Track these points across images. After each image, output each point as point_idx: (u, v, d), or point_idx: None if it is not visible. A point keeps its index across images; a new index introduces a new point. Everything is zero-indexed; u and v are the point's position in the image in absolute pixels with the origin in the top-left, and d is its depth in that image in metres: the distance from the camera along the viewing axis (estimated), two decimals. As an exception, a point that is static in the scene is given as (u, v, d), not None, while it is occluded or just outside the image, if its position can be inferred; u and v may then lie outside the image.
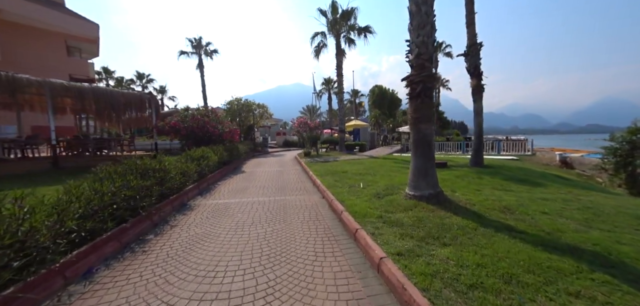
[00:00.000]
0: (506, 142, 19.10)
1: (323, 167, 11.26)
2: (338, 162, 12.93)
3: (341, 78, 18.47)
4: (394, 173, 8.73)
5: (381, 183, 7.19)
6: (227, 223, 4.68)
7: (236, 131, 13.80)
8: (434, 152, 4.99)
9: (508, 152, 18.04)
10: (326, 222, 4.68)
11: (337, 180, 7.86)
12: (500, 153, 17.68)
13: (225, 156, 10.55)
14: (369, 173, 9.02)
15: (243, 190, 7.57)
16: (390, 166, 10.69)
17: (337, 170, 9.96)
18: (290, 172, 10.79)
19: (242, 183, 8.62)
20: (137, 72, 33.45)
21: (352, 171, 9.54)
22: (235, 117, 22.44)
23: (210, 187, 7.91)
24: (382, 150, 19.84)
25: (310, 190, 7.41)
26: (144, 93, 11.62)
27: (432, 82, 4.68)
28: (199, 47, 26.77)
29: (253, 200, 6.35)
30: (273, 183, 8.52)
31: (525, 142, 19.40)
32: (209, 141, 12.10)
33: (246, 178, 9.45)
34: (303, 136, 17.17)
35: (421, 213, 4.34)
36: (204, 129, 11.69)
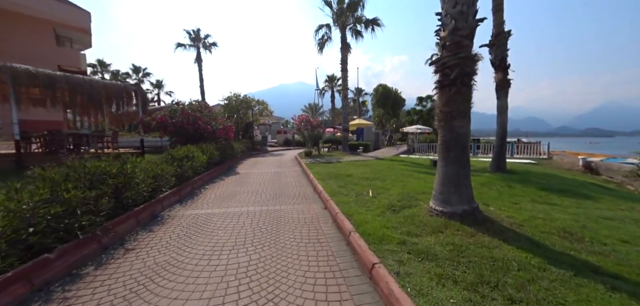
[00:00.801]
0: (519, 145, 17.95)
1: (325, 168, 10.18)
2: (341, 164, 11.84)
3: (346, 74, 17.35)
4: (407, 179, 7.63)
5: (394, 191, 6.10)
6: (201, 246, 3.60)
7: (231, 128, 12.73)
8: (469, 157, 3.89)
9: (521, 154, 16.88)
10: (330, 245, 3.60)
11: (342, 186, 6.78)
12: (513, 156, 16.53)
13: (216, 155, 9.49)
14: (377, 177, 7.94)
15: (232, 195, 6.50)
16: (400, 170, 9.59)
17: (340, 173, 8.88)
18: (289, 174, 9.72)
19: (233, 186, 7.55)
20: (133, 65, 32.24)
21: (358, 175, 8.46)
22: (233, 113, 21.37)
23: (195, 191, 6.83)
24: (388, 151, 18.74)
25: (310, 197, 6.33)
26: (129, 83, 10.57)
27: (472, 66, 3.59)
28: (197, 39, 25.65)
29: (241, 211, 5.28)
30: (268, 187, 7.45)
31: (539, 145, 18.25)
32: (201, 138, 11.04)
33: (239, 181, 8.38)
34: (304, 134, 16.08)
35: (457, 238, 3.25)
36: (195, 125, 10.63)
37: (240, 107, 21.96)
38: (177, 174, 6.09)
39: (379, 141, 23.80)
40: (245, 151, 16.07)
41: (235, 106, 21.65)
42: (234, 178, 8.89)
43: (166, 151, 8.71)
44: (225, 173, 10.00)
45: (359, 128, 25.23)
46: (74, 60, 20.12)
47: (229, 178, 8.87)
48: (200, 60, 26.00)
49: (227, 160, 11.27)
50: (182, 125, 10.28)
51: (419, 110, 49.93)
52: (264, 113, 24.43)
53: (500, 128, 8.39)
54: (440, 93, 3.85)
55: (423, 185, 6.57)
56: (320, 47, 18.40)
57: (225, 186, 7.65)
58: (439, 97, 3.93)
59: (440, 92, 3.87)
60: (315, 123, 15.87)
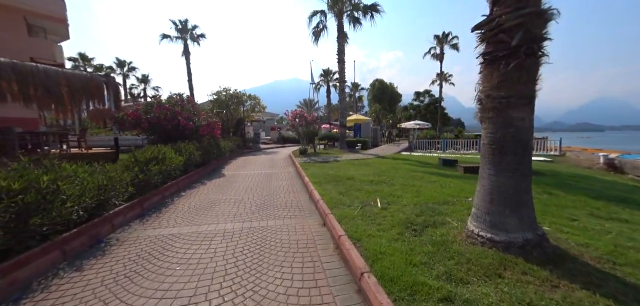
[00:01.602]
0: None
1: (322, 169, 9.03)
2: (340, 163, 10.70)
3: (343, 66, 16.14)
4: (418, 183, 6.51)
5: (407, 199, 4.98)
6: (142, 300, 2.43)
7: (217, 125, 11.48)
8: (531, 162, 2.74)
9: (539, 150, 15.91)
10: (334, 295, 2.45)
11: (343, 193, 5.64)
12: None
13: (197, 156, 8.26)
14: (384, 181, 6.81)
15: (210, 206, 5.31)
16: (407, 171, 8.47)
17: (340, 174, 7.74)
18: (281, 176, 8.54)
19: (213, 194, 6.35)
20: (118, 59, 30.33)
21: (360, 177, 7.32)
22: (222, 109, 20.05)
23: (166, 202, 5.62)
24: (389, 149, 17.65)
25: (305, 208, 5.18)
26: (98, 74, 9.24)
27: (543, 27, 2.44)
28: (184, 31, 24.08)
29: (217, 230, 4.11)
30: (255, 194, 6.27)
31: (546, 141, 17.32)
32: (182, 137, 9.78)
33: (222, 186, 7.18)
34: (298, 131, 14.87)
35: (531, 290, 2.12)
36: (175, 122, 9.36)
37: (230, 103, 20.64)
38: (139, 182, 4.86)
39: (377, 138, 22.70)
40: (235, 150, 14.83)
41: (225, 102, 20.33)
42: (217, 182, 7.68)
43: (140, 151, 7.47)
44: (208, 176, 8.78)
45: (356, 125, 24.12)
46: (48, 53, 18.49)
47: (212, 183, 7.66)
48: (188, 54, 24.46)
49: (212, 161, 10.04)
50: (159, 122, 9.01)
51: (417, 106, 49.00)
52: (256, 109, 23.11)
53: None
54: (489, 71, 2.70)
55: (441, 192, 5.46)
56: (316, 37, 17.11)
57: (206, 193, 6.45)
58: (484, 78, 2.79)
59: (488, 70, 2.72)
60: (311, 119, 14.68)
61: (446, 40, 36.51)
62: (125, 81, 30.02)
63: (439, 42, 36.56)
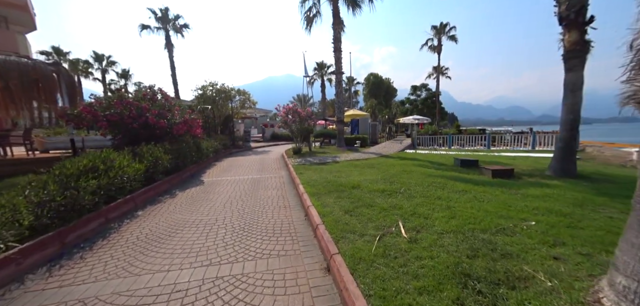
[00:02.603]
0: (540, 135, 15.73)
1: (319, 173, 7.60)
2: (340, 165, 9.27)
3: (339, 55, 14.63)
4: (441, 191, 5.15)
5: (441, 222, 3.61)
6: None
7: (196, 122, 9.90)
8: None
9: (544, 146, 14.76)
10: None
11: (349, 210, 4.25)
12: (534, 149, 14.42)
13: (165, 161, 6.71)
14: (398, 189, 5.43)
15: (169, 234, 3.85)
16: (421, 174, 7.10)
17: (341, 181, 6.32)
18: (270, 184, 7.08)
19: (180, 211, 4.87)
20: (95, 53, 27.70)
21: (367, 184, 5.92)
22: (207, 105, 18.39)
23: (108, 228, 4.12)
24: (391, 146, 16.27)
25: (299, 235, 3.76)
26: (43, 61, 7.58)
27: None
28: (165, 20, 22.05)
29: (165, 284, 2.67)
30: (235, 211, 4.81)
31: (555, 135, 16.18)
32: (153, 137, 8.22)
33: (195, 199, 5.70)
34: (291, 128, 13.37)
35: None
36: (142, 119, 7.77)
37: (217, 98, 18.97)
38: (57, 207, 3.34)
39: (376, 134, 21.33)
40: (220, 150, 13.27)
41: (210, 97, 18.65)
42: (191, 193, 6.17)
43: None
44: (182, 184, 7.26)
45: (353, 120, 22.72)
46: (10, 44, 16.52)
47: (185, 194, 6.16)
48: (170, 46, 22.51)
49: (189, 165, 8.50)
50: (121, 120, 7.42)
51: (413, 100, 47.87)
52: (246, 105, 21.47)
53: (569, 114, 5.93)
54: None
55: (482, 210, 4.10)
56: (308, 23, 15.51)
57: (170, 210, 4.96)
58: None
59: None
60: (305, 115, 13.18)
61: (444, 30, 35.28)
62: (104, 76, 27.80)
63: (436, 33, 35.31)
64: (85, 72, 27.20)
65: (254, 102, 22.15)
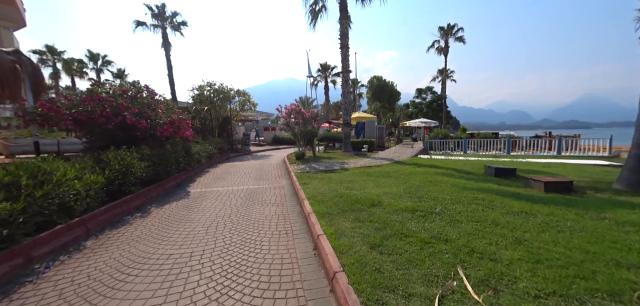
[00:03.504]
0: (567, 140, 14.29)
1: (327, 183, 6.36)
2: (350, 172, 8.03)
3: (346, 52, 13.42)
4: (492, 212, 3.90)
5: (525, 273, 2.37)
6: None
7: (185, 123, 8.69)
8: None
9: (571, 151, 13.43)
10: None
11: (377, 244, 3.04)
12: (561, 154, 13.10)
13: (139, 170, 5.48)
14: (431, 208, 4.19)
15: (114, 285, 2.61)
16: (452, 186, 5.85)
17: (356, 194, 5.09)
18: (269, 197, 5.84)
19: (144, 241, 3.65)
20: (89, 52, 26.59)
21: (389, 199, 4.69)
22: (204, 106, 17.24)
23: (16, 279, 2.89)
24: (401, 150, 14.96)
25: (306, 286, 2.53)
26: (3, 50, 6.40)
27: None
28: (161, 17, 20.94)
29: None
30: (218, 241, 3.59)
31: (577, 140, 14.79)
32: (133, 139, 7.03)
33: (171, 221, 4.47)
34: (294, 131, 12.16)
35: None
36: (118, 119, 6.58)
37: (215, 99, 17.81)
38: None
39: (383, 137, 20.06)
40: (215, 154, 12.06)
41: (208, 97, 17.50)
42: (169, 211, 4.95)
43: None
44: (163, 197, 6.04)
45: (359, 123, 21.46)
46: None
47: (160, 212, 4.93)
48: (167, 44, 21.40)
49: (174, 173, 7.28)
50: (91, 118, 6.22)
51: (418, 103, 46.57)
52: (246, 107, 20.29)
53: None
54: None
55: (577, 247, 2.84)
56: (313, 18, 14.35)
57: (133, 238, 3.73)
58: None
59: None
60: (309, 116, 11.96)
61: (451, 32, 34.12)
62: (99, 76, 26.72)
63: (443, 34, 34.15)
64: (79, 72, 26.20)
65: (255, 104, 20.97)
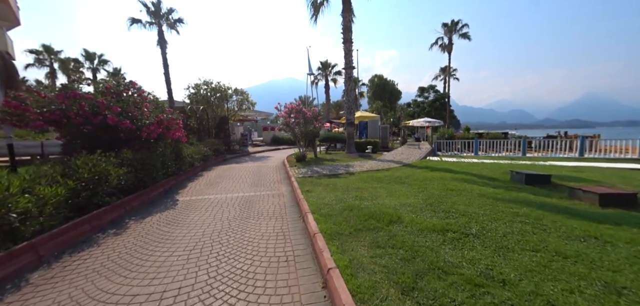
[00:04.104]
0: (591, 140, 13.45)
1: (333, 191, 5.60)
2: (356, 177, 7.26)
3: (350, 47, 12.65)
4: (547, 236, 3.16)
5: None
6: None
7: (175, 123, 7.92)
8: None
9: (595, 153, 12.61)
10: None
11: (408, 287, 2.28)
12: (584, 156, 12.30)
13: (115, 177, 4.70)
14: (463, 226, 3.44)
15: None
16: (479, 196, 5.08)
17: (368, 206, 4.32)
18: (267, 208, 5.07)
19: (107, 274, 2.90)
20: (85, 51, 25.85)
21: (409, 213, 3.93)
22: (200, 105, 16.49)
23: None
24: (408, 152, 14.14)
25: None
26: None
27: None
28: (157, 14, 20.17)
29: None
30: (201, 272, 2.84)
31: (597, 140, 14.00)
32: (116, 141, 6.27)
33: (149, 240, 3.71)
34: (294, 131, 11.39)
35: None
36: (98, 119, 5.82)
37: (211, 98, 17.07)
38: None
39: (387, 138, 19.29)
40: (210, 156, 11.29)
41: (204, 97, 16.75)
42: (148, 227, 4.18)
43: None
44: (145, 208, 5.28)
45: (361, 122, 20.68)
46: (-20, 37, 14.71)
47: (139, 227, 4.17)
48: (163, 42, 20.64)
49: (160, 179, 6.50)
50: (65, 117, 5.46)
51: (421, 102, 45.72)
52: (244, 106, 19.53)
53: None
54: None
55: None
56: (315, 12, 13.58)
57: (93, 269, 2.98)
58: None
59: None
60: (311, 115, 11.18)
61: (455, 28, 33.33)
62: (95, 76, 25.98)
63: (447, 31, 33.35)
64: (76, 72, 25.44)
65: (253, 103, 20.21)
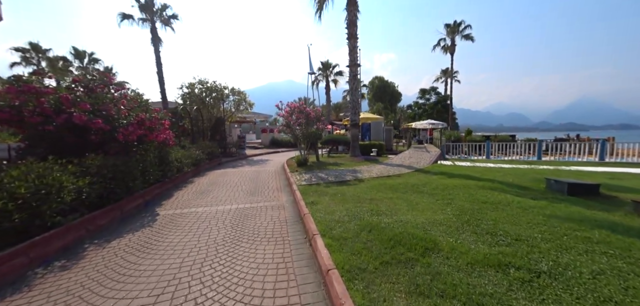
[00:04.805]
0: (611, 142, 12.63)
1: (343, 203, 4.68)
2: (367, 185, 6.34)
3: (355, 43, 11.76)
4: None
5: None
6: None
7: (159, 124, 6.96)
8: None
9: (615, 157, 11.78)
10: None
11: None
12: (605, 160, 11.46)
13: (69, 193, 3.74)
14: (525, 256, 2.53)
15: None
16: (522, 210, 4.20)
17: (391, 225, 3.42)
18: (264, 225, 4.14)
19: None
20: (74, 49, 24.74)
21: (445, 236, 3.05)
22: (193, 106, 15.57)
23: None
24: (417, 155, 13.20)
25: None
26: None
27: None
28: (150, 10, 19.12)
29: None
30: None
31: (613, 142, 13.23)
32: (88, 144, 5.33)
33: (107, 277, 2.80)
34: (295, 133, 10.47)
35: None
36: (61, 118, 4.89)
37: (207, 98, 16.14)
38: None
39: (391, 140, 18.43)
40: (203, 160, 10.34)
41: (198, 96, 15.82)
42: (113, 252, 3.26)
43: None
44: (116, 225, 4.34)
45: (364, 124, 19.77)
46: (-44, 31, 13.75)
47: (99, 255, 3.25)
48: (156, 40, 19.63)
49: (139, 190, 5.55)
50: (13, 117, 4.51)
51: (422, 104, 44.89)
52: (241, 107, 18.60)
53: None
54: None
55: None
56: (319, 7, 12.71)
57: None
58: None
59: None
60: (314, 116, 10.27)
61: (458, 29, 32.59)
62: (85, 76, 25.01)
63: (450, 32, 32.61)
64: (64, 71, 24.44)
65: (251, 103, 19.29)
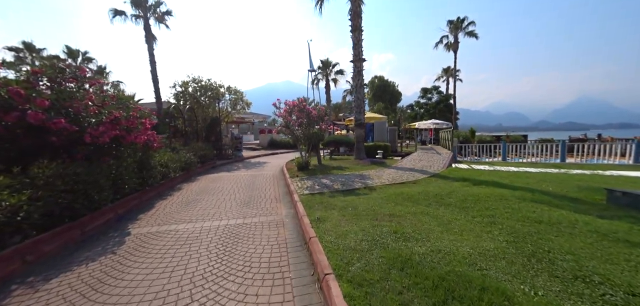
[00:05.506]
0: (629, 144, 11.77)
1: (356, 222, 3.76)
2: (380, 195, 5.40)
3: (359, 35, 10.81)
4: None
5: None
6: None
7: (140, 123, 6.00)
8: None
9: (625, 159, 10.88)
10: None
11: None
12: (638, 161, 10.56)
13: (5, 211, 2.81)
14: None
15: None
16: (603, 236, 3.26)
17: (426, 257, 2.49)
18: (258, 254, 3.21)
19: None
20: (67, 48, 23.58)
21: (514, 282, 2.09)
22: (187, 104, 14.63)
23: None
24: (427, 157, 12.18)
25: None
26: None
27: None
28: (143, 6, 18.12)
29: None
30: None
31: (632, 144, 12.34)
32: (49, 147, 4.40)
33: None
34: (295, 133, 9.53)
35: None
36: (13, 116, 3.97)
37: (202, 97, 15.20)
38: None
39: (395, 141, 17.51)
40: (195, 164, 9.37)
41: (193, 95, 14.88)
42: (48, 296, 2.28)
43: None
44: (71, 251, 3.39)
45: (367, 124, 18.86)
46: None
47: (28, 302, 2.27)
48: (150, 37, 18.61)
49: (108, 203, 4.60)
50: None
51: (424, 103, 44.04)
52: (238, 106, 17.66)
53: None
54: None
55: None
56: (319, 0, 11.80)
57: None
58: None
59: None
60: (317, 115, 9.33)
61: (461, 26, 31.73)
62: (77, 75, 24.06)
63: (453, 28, 31.74)
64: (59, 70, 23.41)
65: (248, 103, 18.36)
